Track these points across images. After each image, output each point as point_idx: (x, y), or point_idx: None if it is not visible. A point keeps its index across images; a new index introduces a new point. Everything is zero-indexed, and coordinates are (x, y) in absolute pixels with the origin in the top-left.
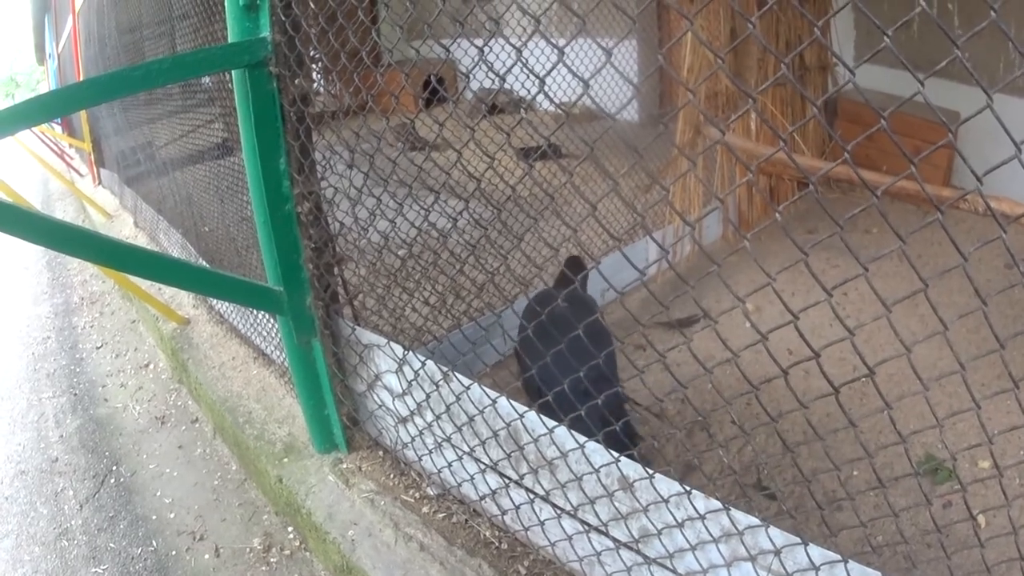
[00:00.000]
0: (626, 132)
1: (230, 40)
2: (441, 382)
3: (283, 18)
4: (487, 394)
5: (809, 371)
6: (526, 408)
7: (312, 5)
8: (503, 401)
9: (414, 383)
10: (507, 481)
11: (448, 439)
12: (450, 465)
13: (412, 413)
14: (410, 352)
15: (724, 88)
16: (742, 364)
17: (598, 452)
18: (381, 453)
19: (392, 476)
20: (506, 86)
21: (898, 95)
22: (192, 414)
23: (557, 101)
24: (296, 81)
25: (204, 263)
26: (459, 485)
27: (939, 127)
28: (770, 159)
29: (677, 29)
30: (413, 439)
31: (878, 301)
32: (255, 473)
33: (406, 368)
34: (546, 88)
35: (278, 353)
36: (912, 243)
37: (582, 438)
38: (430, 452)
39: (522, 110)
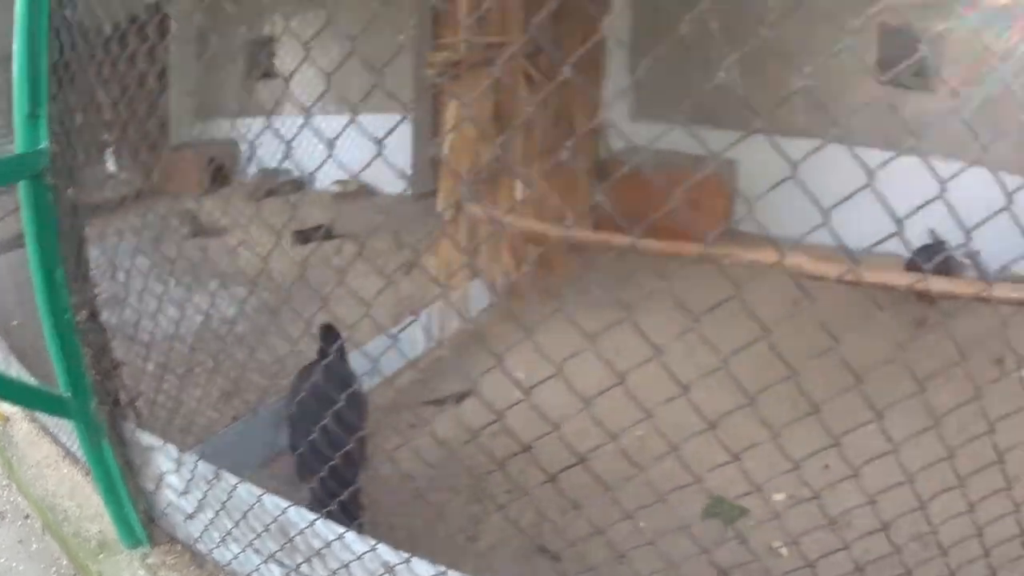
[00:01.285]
0: (397, 209)
1: (16, 149)
2: (214, 481)
3: (58, 129)
4: (252, 492)
5: (587, 431)
6: (288, 503)
7: (81, 116)
8: (267, 498)
9: (191, 482)
10: (288, 570)
11: (229, 533)
12: (236, 557)
13: (196, 510)
14: (184, 453)
15: (486, 163)
16: (521, 429)
17: (358, 541)
18: (179, 547)
19: (192, 568)
20: (286, 166)
21: (672, 149)
22: (23, 510)
23: (332, 181)
24: (69, 191)
25: (14, 360)
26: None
27: (715, 176)
28: (530, 233)
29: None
30: (201, 534)
31: (654, 355)
32: (80, 568)
33: (183, 468)
34: (321, 170)
35: (81, 452)
36: (694, 289)
37: (340, 528)
38: (217, 545)
39: (290, 198)
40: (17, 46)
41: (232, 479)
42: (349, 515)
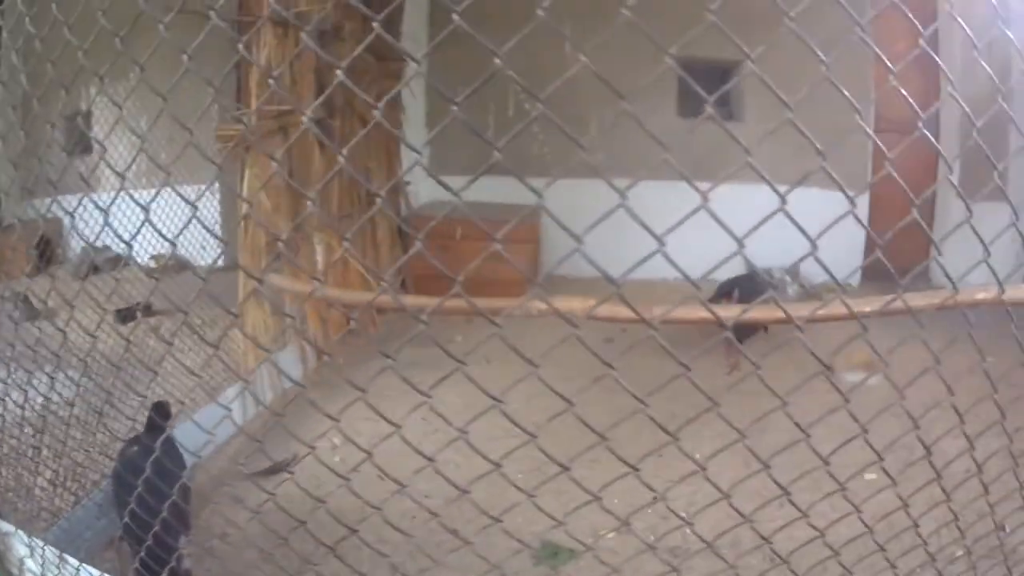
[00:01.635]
0: (210, 281)
1: None
2: (60, 564)
3: None
4: (92, 574)
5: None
6: None
7: None
8: None
9: (44, 567)
10: None
11: None
12: None
13: None
14: (33, 538)
15: (285, 232)
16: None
17: None
18: None
19: None
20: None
21: (473, 200)
22: None
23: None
24: None
25: None
26: None
27: (520, 224)
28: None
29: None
30: None
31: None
32: None
33: (35, 553)
34: (138, 243)
35: None
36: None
37: None
38: None
39: (112, 275)
40: None
41: (74, 562)
42: None
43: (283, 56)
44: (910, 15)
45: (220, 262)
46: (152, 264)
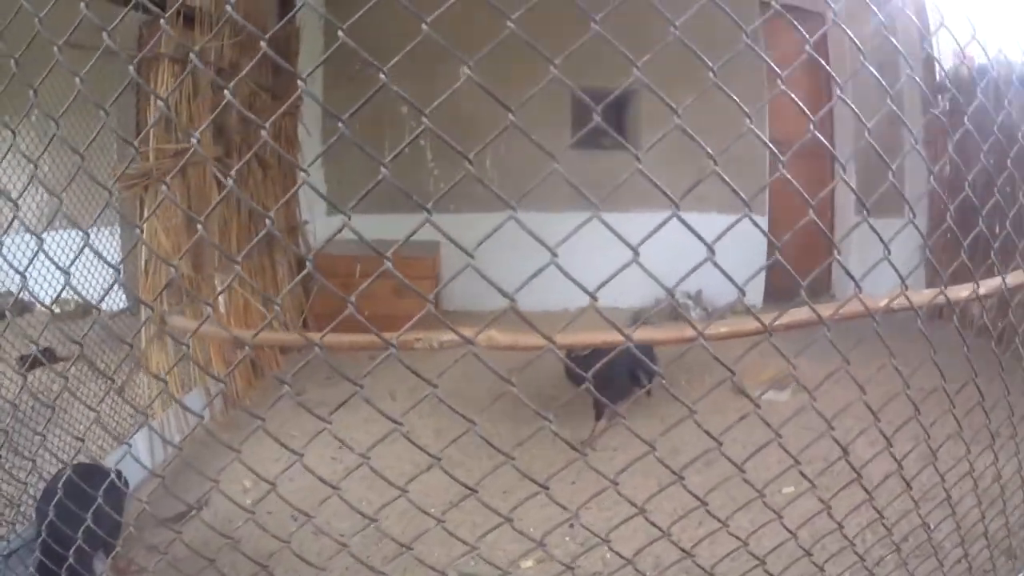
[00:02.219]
0: (114, 324)
1: None
2: None
3: None
4: None
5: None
6: None
7: None
8: None
9: None
10: None
11: None
12: None
13: None
14: None
15: (183, 275)
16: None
17: None
18: None
19: None
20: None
21: (376, 238)
22: None
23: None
24: None
25: None
26: None
27: (419, 259)
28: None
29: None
30: None
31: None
32: None
33: None
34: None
35: None
36: (403, 377)
37: None
38: None
39: (17, 321)
40: None
41: None
42: None
43: (180, 94)
44: (796, 24)
45: (120, 303)
46: (56, 308)
